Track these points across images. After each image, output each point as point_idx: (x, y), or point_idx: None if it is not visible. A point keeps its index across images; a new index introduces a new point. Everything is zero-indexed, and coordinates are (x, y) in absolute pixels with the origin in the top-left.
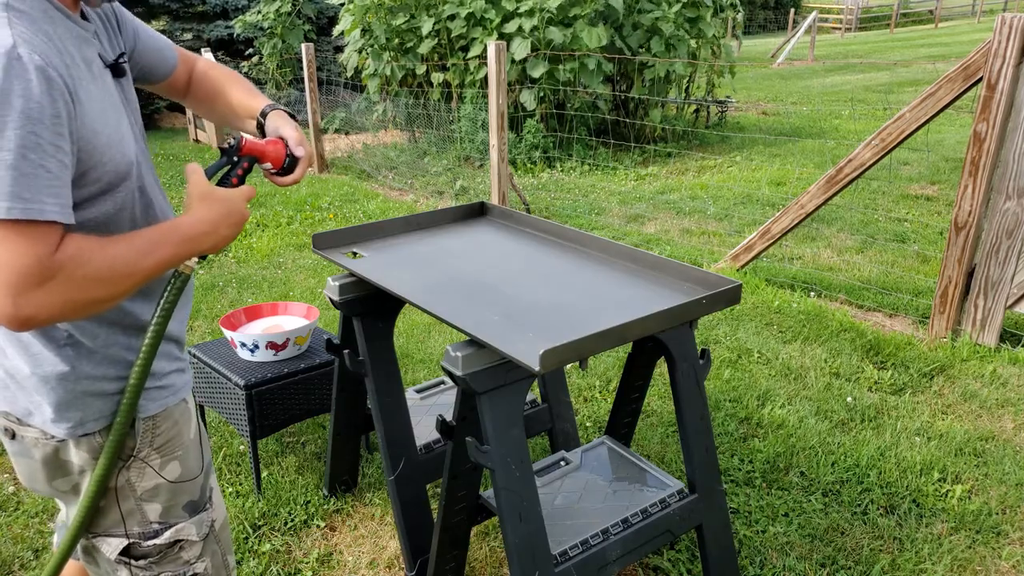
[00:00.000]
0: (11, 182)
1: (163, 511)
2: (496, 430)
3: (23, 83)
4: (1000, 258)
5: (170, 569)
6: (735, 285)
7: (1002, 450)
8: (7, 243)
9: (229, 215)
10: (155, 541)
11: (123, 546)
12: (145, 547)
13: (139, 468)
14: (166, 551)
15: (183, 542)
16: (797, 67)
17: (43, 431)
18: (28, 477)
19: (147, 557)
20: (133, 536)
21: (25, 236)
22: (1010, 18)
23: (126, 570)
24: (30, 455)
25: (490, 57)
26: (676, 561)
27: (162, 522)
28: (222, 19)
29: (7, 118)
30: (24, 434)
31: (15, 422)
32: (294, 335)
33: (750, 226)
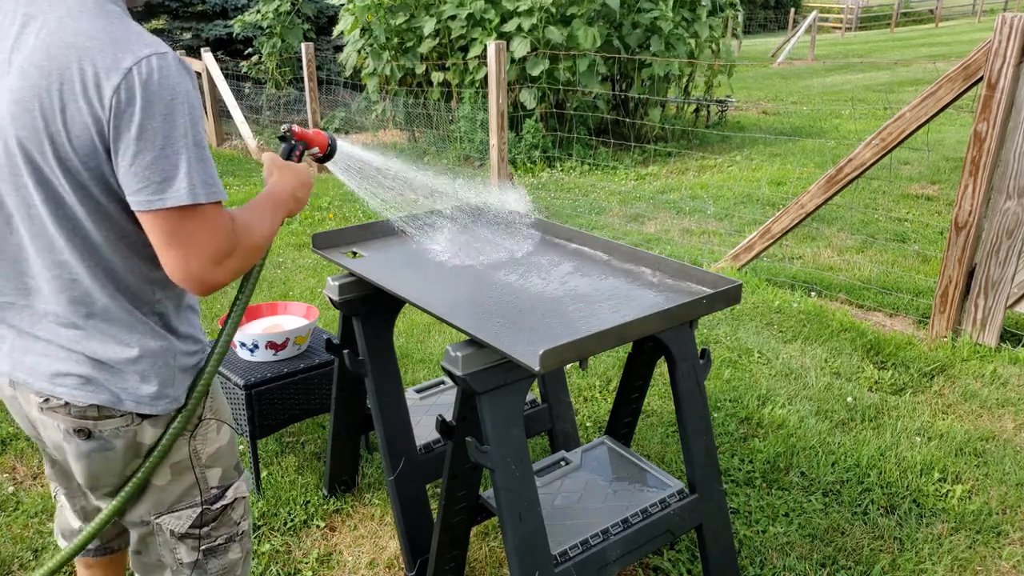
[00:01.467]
0: (203, 170)
1: (222, 474)
2: (496, 430)
3: (188, 82)
4: (1000, 258)
5: (225, 532)
6: (735, 285)
7: (1002, 450)
8: (208, 223)
9: (303, 182)
10: (220, 504)
11: (196, 515)
12: (211, 512)
13: (203, 435)
14: (222, 515)
15: (237, 500)
16: (797, 67)
17: (132, 415)
18: (100, 473)
19: (208, 524)
20: (198, 505)
21: (217, 215)
22: (1010, 18)
23: (184, 546)
24: (111, 448)
25: (490, 57)
26: (676, 561)
27: (222, 485)
28: (221, 18)
29: (189, 114)
30: (103, 428)
31: (94, 417)
32: (294, 335)
33: (750, 226)
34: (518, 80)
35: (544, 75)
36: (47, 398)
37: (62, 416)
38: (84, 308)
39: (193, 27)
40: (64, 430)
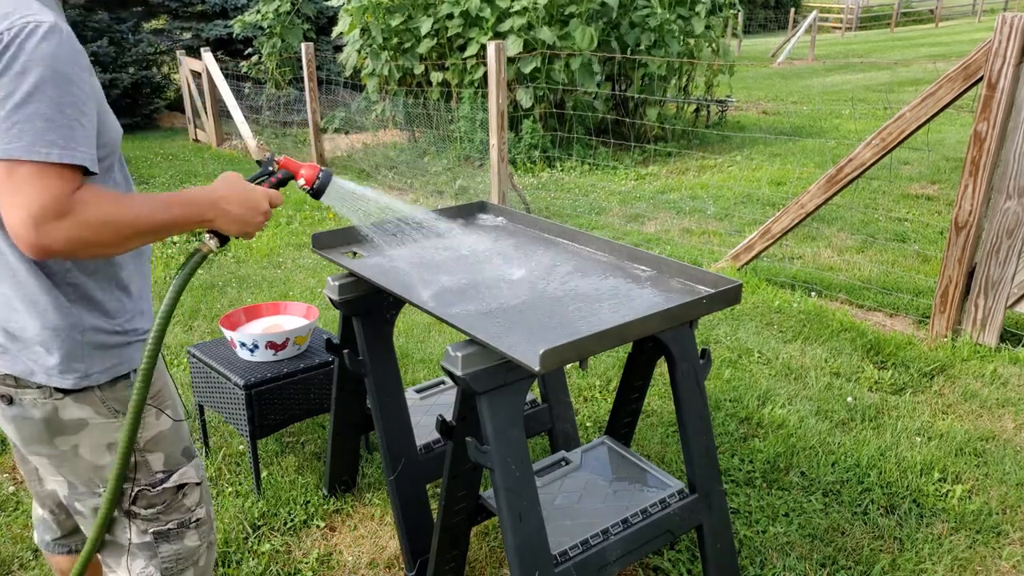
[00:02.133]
0: (49, 131)
1: (166, 458)
2: (496, 430)
3: (67, 50)
4: (1000, 258)
5: (176, 517)
6: (735, 285)
7: (1002, 450)
8: (37, 180)
9: (246, 200)
10: (163, 487)
11: (133, 495)
12: (153, 494)
13: (141, 420)
14: (171, 499)
15: (186, 486)
16: (797, 66)
17: (46, 388)
18: (28, 439)
19: (154, 507)
20: (140, 485)
21: (47, 174)
22: (1010, 18)
23: (134, 525)
24: (30, 416)
25: (489, 57)
26: (676, 561)
27: (166, 469)
28: (221, 18)
29: (52, 78)
30: (23, 396)
31: (12, 386)
32: (294, 335)
33: (750, 226)
34: (516, 79)
35: (542, 75)
36: None
37: None
38: (1, 274)
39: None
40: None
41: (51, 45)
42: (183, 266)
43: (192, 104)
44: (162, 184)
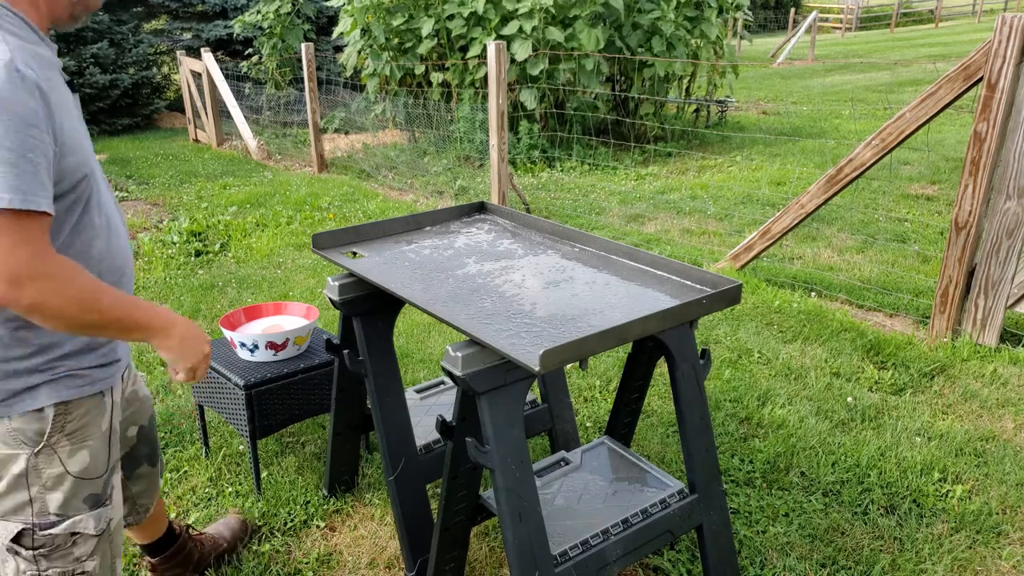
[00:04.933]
0: (14, 177)
1: (63, 502)
2: (496, 430)
3: (23, 93)
4: (1000, 258)
5: (59, 565)
6: (735, 285)
7: (1002, 450)
8: (7, 232)
9: (192, 333)
10: (52, 531)
11: (17, 531)
12: (40, 536)
13: (48, 454)
14: (59, 544)
15: (79, 536)
16: (797, 67)
17: None
18: None
19: (39, 548)
20: (28, 524)
21: (22, 226)
22: (1010, 18)
23: (13, 561)
24: None
25: (490, 57)
26: (676, 561)
27: (60, 514)
28: (221, 19)
29: (10, 122)
30: None
31: None
32: (294, 335)
33: (750, 226)
34: (518, 80)
35: (544, 75)
36: None
37: None
38: None
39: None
40: None
41: (5, 89)
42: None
43: (192, 104)
44: (162, 184)
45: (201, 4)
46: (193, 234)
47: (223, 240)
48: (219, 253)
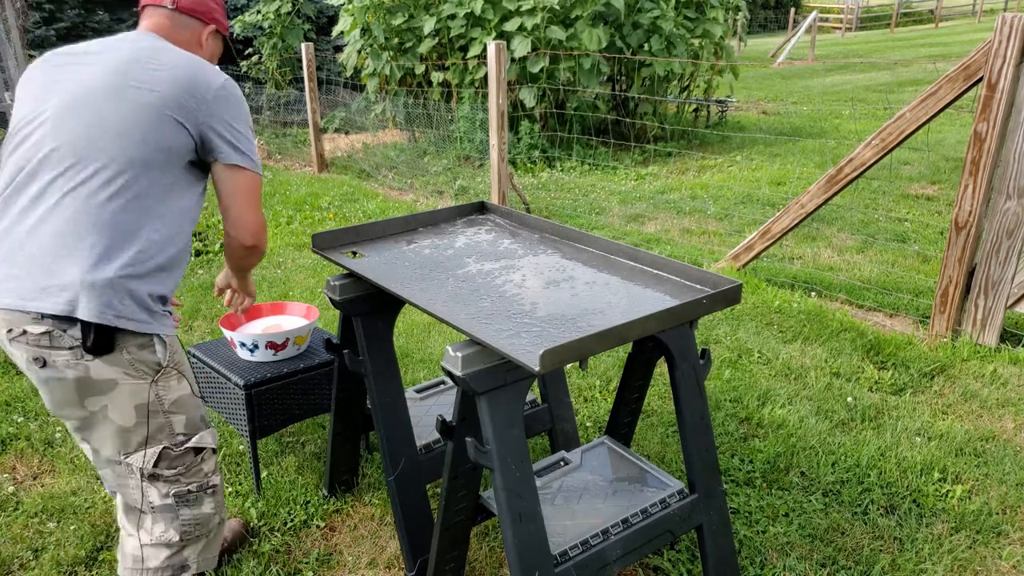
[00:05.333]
0: (254, 149)
1: (187, 422)
2: (496, 430)
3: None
4: (1000, 258)
5: (195, 480)
6: (735, 285)
7: (1002, 450)
8: (257, 193)
9: None
10: (183, 448)
11: (157, 453)
12: (175, 455)
13: (165, 382)
14: (191, 462)
15: (204, 451)
16: (797, 67)
17: (77, 349)
18: (60, 402)
19: (175, 468)
20: (164, 445)
21: (260, 188)
22: (1010, 18)
23: (155, 488)
24: (63, 376)
25: (490, 57)
26: (676, 561)
27: (187, 432)
28: None
29: (246, 110)
30: (55, 358)
31: (46, 346)
32: (293, 335)
33: (750, 226)
34: (518, 79)
35: (544, 74)
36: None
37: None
38: (86, 222)
39: None
40: (32, 357)
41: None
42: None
43: None
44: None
45: None
46: (193, 233)
47: (223, 240)
48: (219, 253)
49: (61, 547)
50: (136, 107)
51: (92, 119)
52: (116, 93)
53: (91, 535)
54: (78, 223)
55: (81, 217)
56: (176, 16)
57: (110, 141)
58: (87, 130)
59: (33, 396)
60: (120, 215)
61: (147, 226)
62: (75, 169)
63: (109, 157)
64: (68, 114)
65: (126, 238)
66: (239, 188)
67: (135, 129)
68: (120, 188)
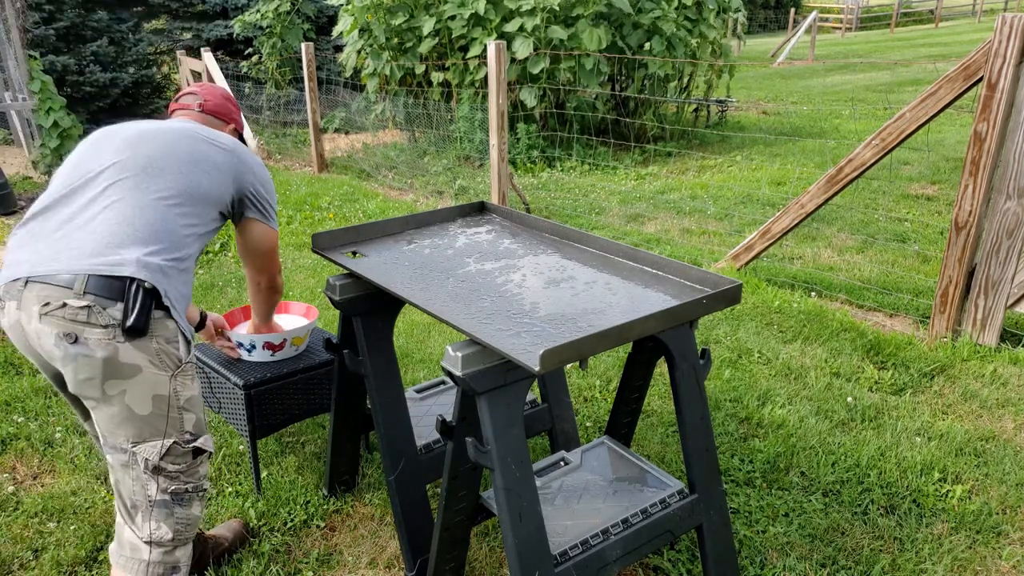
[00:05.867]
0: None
1: (196, 422)
2: (496, 430)
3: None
4: (1001, 258)
5: (192, 481)
6: (735, 285)
7: (1002, 450)
8: (276, 246)
9: None
10: (189, 447)
11: (167, 447)
12: (182, 451)
13: (183, 379)
14: (191, 463)
15: (203, 455)
16: (797, 67)
17: (111, 327)
18: (81, 381)
19: (179, 464)
20: (174, 439)
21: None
22: (1010, 18)
23: (155, 482)
24: (92, 355)
25: (490, 57)
26: (676, 561)
27: (194, 432)
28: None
29: (269, 176)
30: (88, 335)
31: (83, 322)
32: (291, 336)
33: (750, 226)
34: (519, 80)
35: (544, 74)
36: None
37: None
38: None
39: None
40: (63, 332)
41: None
42: None
43: None
44: None
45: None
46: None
47: (223, 240)
48: (219, 253)
49: (61, 547)
50: (206, 151)
51: (165, 149)
52: (189, 139)
53: (91, 535)
54: (135, 219)
55: (138, 214)
56: (203, 116)
57: (178, 167)
58: (160, 152)
59: (33, 396)
60: (171, 223)
61: (186, 242)
62: (138, 179)
63: (174, 179)
64: (139, 142)
65: (173, 241)
66: (267, 241)
67: (204, 165)
68: (175, 204)
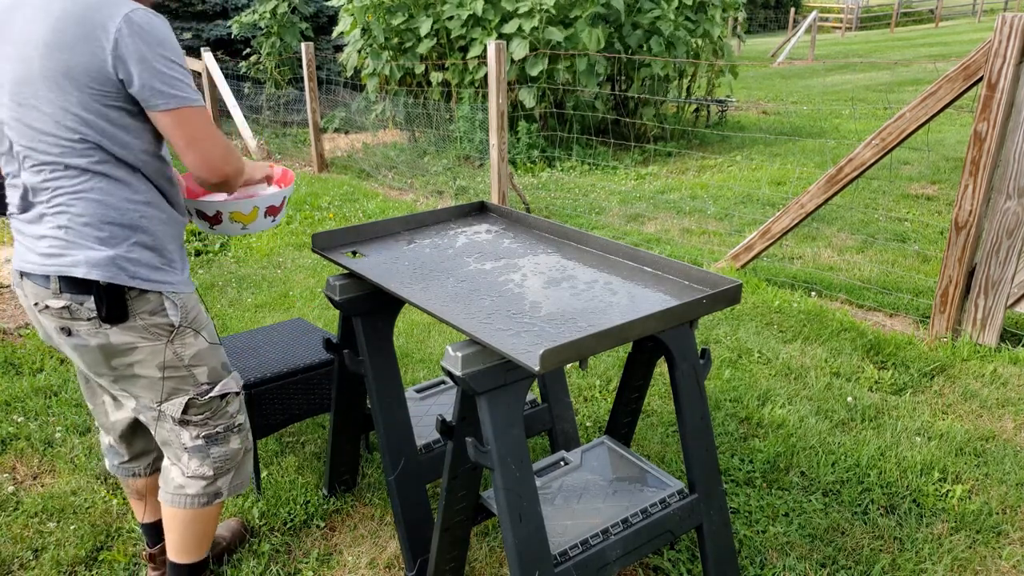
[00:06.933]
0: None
1: (209, 372)
2: (496, 430)
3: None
4: (1000, 258)
5: (222, 422)
6: (735, 285)
7: (1002, 450)
8: (212, 126)
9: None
10: (210, 395)
11: (184, 403)
12: (202, 402)
13: (181, 340)
14: (217, 406)
15: (229, 395)
16: (797, 66)
17: (95, 320)
18: (90, 364)
19: (203, 413)
20: (190, 395)
21: (212, 122)
22: (1010, 18)
23: (187, 431)
24: (87, 343)
25: (490, 57)
26: (676, 561)
27: (210, 381)
28: (221, 18)
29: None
30: (78, 328)
31: (68, 318)
32: (264, 204)
33: (750, 226)
34: (518, 80)
35: (543, 75)
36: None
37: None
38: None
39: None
40: (58, 327)
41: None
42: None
43: None
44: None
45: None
46: (193, 234)
47: (223, 239)
48: (219, 253)
49: (61, 547)
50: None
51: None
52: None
53: (91, 535)
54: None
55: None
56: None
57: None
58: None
59: (33, 396)
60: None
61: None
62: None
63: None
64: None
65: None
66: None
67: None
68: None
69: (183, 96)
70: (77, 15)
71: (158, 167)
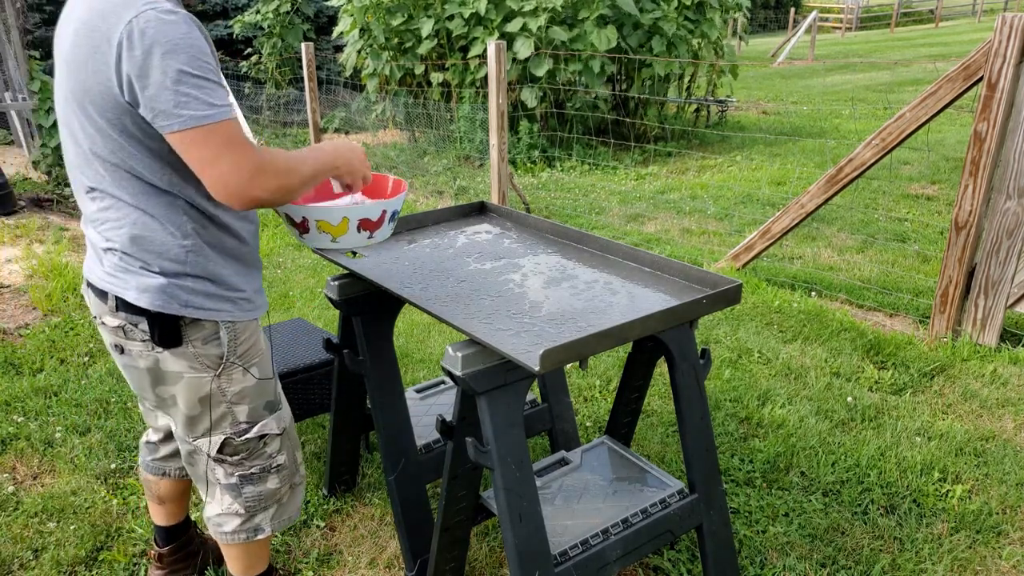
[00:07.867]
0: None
1: (249, 412)
2: (496, 430)
3: (189, 28)
4: (1000, 258)
5: (259, 463)
6: (735, 285)
7: (1002, 450)
8: (236, 143)
9: (351, 148)
10: (246, 436)
11: (220, 441)
12: (237, 443)
13: (228, 375)
14: (254, 446)
15: (267, 436)
16: (797, 66)
17: (148, 342)
18: (137, 385)
19: (239, 453)
20: (227, 434)
21: (240, 137)
22: (1010, 18)
23: (222, 468)
24: (136, 365)
25: (490, 57)
26: (676, 561)
27: (249, 421)
28: (222, 18)
29: (184, 54)
30: (130, 348)
31: (122, 337)
32: (392, 207)
33: (750, 226)
34: (519, 80)
35: (546, 75)
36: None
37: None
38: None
39: None
40: (113, 343)
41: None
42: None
43: None
44: None
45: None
46: None
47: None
48: None
49: (61, 547)
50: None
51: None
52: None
53: (91, 535)
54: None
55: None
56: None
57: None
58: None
59: (33, 396)
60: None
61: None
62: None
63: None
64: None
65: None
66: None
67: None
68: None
69: (190, 115)
70: (91, 25)
71: (207, 193)
